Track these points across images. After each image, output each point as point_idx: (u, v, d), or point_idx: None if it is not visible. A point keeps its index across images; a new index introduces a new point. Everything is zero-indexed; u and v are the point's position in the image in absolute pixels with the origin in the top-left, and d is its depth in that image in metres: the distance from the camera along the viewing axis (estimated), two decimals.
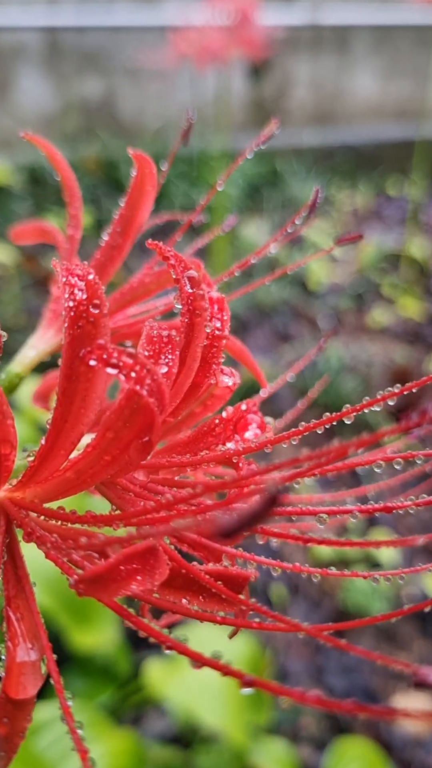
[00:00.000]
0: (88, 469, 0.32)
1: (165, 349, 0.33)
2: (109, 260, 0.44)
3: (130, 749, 1.49)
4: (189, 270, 0.33)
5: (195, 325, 0.33)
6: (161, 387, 0.30)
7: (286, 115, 4.50)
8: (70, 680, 1.67)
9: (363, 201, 4.03)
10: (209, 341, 0.36)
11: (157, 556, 0.29)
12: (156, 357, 0.32)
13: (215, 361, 0.36)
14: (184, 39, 2.71)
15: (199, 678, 1.58)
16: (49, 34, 4.00)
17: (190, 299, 0.33)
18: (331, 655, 2.04)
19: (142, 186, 0.43)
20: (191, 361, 0.34)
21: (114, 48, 4.02)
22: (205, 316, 0.34)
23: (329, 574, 0.37)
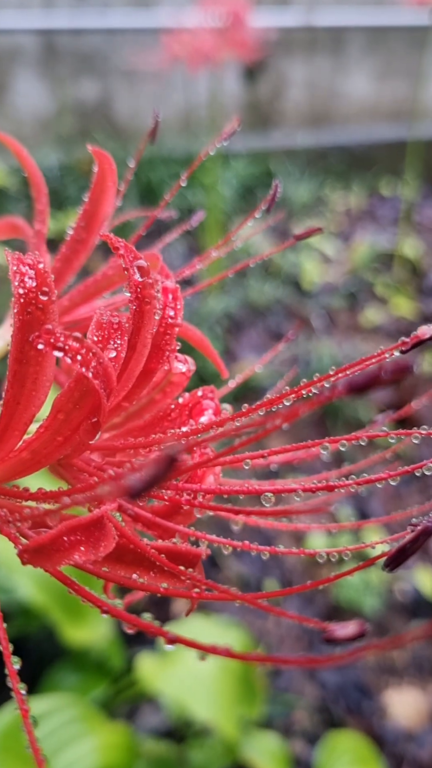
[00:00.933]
0: (42, 449, 0.34)
1: (114, 335, 0.35)
2: (74, 254, 0.46)
3: (123, 743, 1.50)
4: (138, 260, 0.35)
5: (144, 313, 0.35)
6: (107, 370, 0.32)
7: (281, 116, 4.52)
8: (64, 675, 1.69)
9: (356, 201, 4.05)
10: (162, 329, 0.38)
11: (102, 528, 0.31)
12: (105, 342, 0.34)
13: (168, 348, 0.38)
14: (177, 41, 2.73)
15: (191, 672, 1.59)
16: (45, 36, 4.02)
17: (139, 287, 0.35)
18: (323, 650, 2.06)
19: (104, 182, 0.45)
20: (141, 347, 0.35)
21: (109, 50, 4.04)
22: (155, 304, 0.35)
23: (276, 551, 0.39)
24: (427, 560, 2.28)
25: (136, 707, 1.84)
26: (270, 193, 0.53)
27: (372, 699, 1.98)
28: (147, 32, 3.86)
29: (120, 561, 0.35)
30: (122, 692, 1.70)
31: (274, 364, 2.76)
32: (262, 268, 3.23)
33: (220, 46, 2.74)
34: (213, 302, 2.90)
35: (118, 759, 1.48)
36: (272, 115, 4.47)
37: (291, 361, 2.79)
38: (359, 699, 1.97)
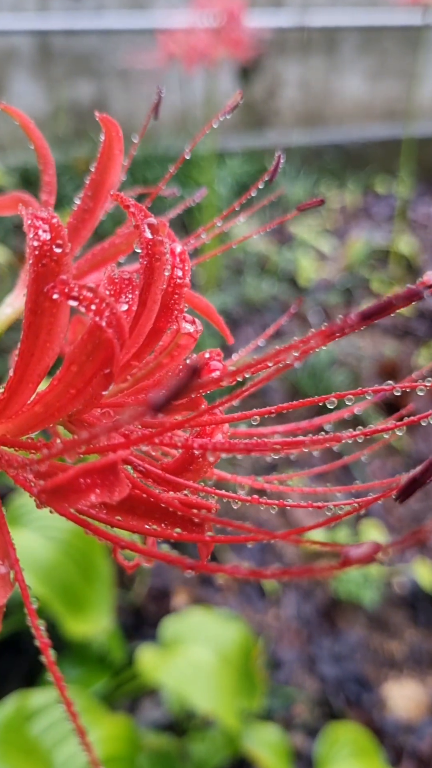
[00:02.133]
0: (55, 402, 0.35)
1: (126, 290, 0.35)
2: (82, 223, 0.47)
3: (124, 735, 1.50)
4: (149, 218, 0.36)
5: (154, 269, 0.36)
6: (120, 320, 0.32)
7: (276, 115, 4.54)
8: (65, 669, 1.69)
9: (352, 199, 4.07)
10: (171, 288, 0.39)
11: (116, 473, 0.31)
12: (117, 296, 0.35)
13: (176, 307, 0.39)
14: (172, 40, 2.74)
15: (191, 664, 1.60)
16: (41, 37, 4.03)
17: (150, 244, 0.35)
18: (323, 644, 2.07)
19: (111, 150, 0.46)
20: (152, 303, 0.36)
21: (105, 51, 4.05)
22: (164, 260, 0.36)
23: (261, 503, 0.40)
24: (425, 553, 2.29)
25: (137, 701, 1.85)
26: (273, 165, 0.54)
27: (372, 692, 1.98)
28: (142, 33, 3.88)
29: (132, 512, 0.35)
30: (123, 685, 1.70)
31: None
32: (258, 266, 3.24)
33: (215, 46, 2.76)
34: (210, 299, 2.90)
35: (119, 751, 1.48)
36: (267, 115, 4.49)
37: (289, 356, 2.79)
38: (359, 692, 1.98)
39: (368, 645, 2.09)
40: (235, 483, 0.51)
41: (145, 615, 2.00)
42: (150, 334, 0.38)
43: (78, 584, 1.62)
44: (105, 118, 0.44)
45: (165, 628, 1.68)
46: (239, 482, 0.49)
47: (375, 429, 0.45)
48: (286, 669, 2.00)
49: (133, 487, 0.35)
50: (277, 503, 0.40)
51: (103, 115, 0.43)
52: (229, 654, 1.69)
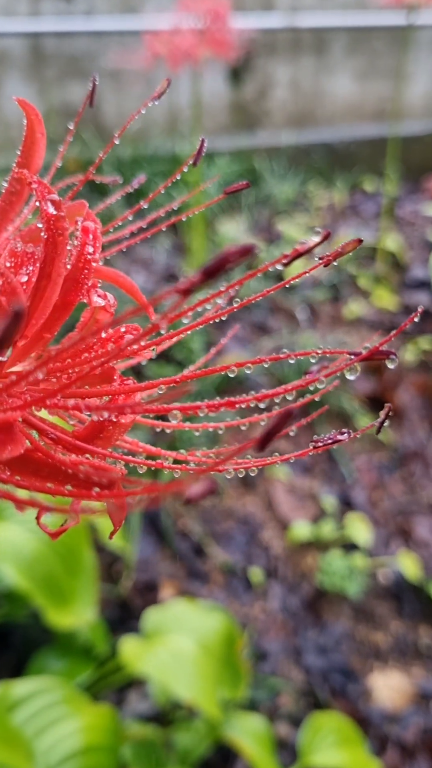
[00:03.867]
0: None
1: (27, 263, 0.38)
2: (10, 205, 0.49)
3: (107, 725, 1.52)
4: (51, 194, 0.38)
5: (57, 243, 0.38)
6: (16, 288, 0.35)
7: (266, 116, 4.57)
8: (50, 660, 1.71)
9: (340, 197, 4.09)
10: (81, 264, 0.41)
11: (10, 432, 0.34)
12: (17, 267, 0.37)
13: (86, 282, 0.41)
14: (158, 40, 2.77)
15: (172, 653, 1.62)
16: (32, 39, 4.06)
17: (52, 219, 0.38)
18: (308, 635, 2.09)
19: (33, 133, 0.48)
20: (56, 275, 0.38)
21: (96, 53, 4.08)
22: (66, 235, 0.38)
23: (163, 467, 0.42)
24: (410, 545, 2.31)
25: (123, 693, 1.87)
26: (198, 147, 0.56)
27: (357, 682, 2.00)
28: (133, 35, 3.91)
29: (35, 474, 0.37)
30: (107, 677, 1.72)
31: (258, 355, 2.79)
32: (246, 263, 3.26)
33: (201, 46, 2.78)
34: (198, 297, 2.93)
35: (101, 740, 1.49)
36: (257, 115, 4.52)
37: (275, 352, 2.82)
38: (344, 682, 2.00)
39: (353, 636, 2.11)
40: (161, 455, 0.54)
41: (132, 608, 2.02)
42: (59, 306, 0.40)
43: (61, 577, 1.64)
44: (22, 102, 0.46)
45: (147, 619, 1.70)
46: (163, 455, 0.51)
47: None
48: (271, 660, 2.02)
49: (36, 450, 0.37)
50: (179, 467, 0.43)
51: (21, 99, 0.45)
52: (210, 644, 1.71)
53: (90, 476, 0.34)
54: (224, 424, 0.53)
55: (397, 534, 2.35)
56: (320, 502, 2.42)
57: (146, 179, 0.69)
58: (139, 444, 0.51)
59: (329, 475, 2.52)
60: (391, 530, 2.36)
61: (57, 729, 1.46)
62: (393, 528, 2.37)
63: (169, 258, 3.21)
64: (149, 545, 2.21)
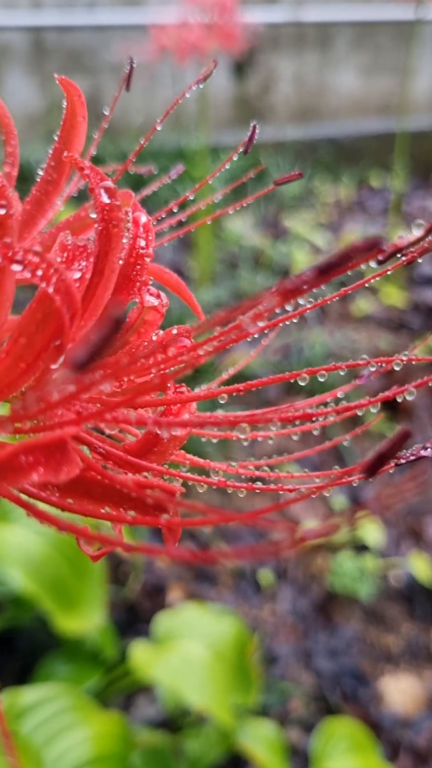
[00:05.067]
0: (3, 377, 0.33)
1: (80, 257, 0.34)
2: (45, 195, 0.45)
3: (117, 732, 1.49)
4: (105, 181, 0.34)
5: (112, 235, 0.34)
6: (70, 288, 0.31)
7: (270, 111, 4.52)
8: (57, 666, 1.67)
9: (346, 193, 4.05)
10: (133, 259, 0.37)
11: (64, 451, 0.29)
12: (69, 263, 0.33)
13: (138, 279, 0.37)
14: (164, 34, 2.73)
15: (184, 659, 1.58)
16: (34, 33, 4.02)
17: (106, 209, 0.34)
18: (319, 638, 2.05)
19: (74, 117, 0.44)
20: (109, 272, 0.34)
21: (99, 47, 4.03)
22: (122, 227, 0.34)
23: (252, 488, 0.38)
24: (421, 546, 2.28)
25: (131, 698, 1.83)
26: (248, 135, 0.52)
27: (368, 686, 1.97)
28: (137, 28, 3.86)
29: (88, 495, 0.33)
30: (116, 682, 1.69)
31: (267, 354, 2.75)
32: (253, 259, 3.22)
33: (208, 39, 2.74)
34: (204, 293, 2.89)
35: (111, 748, 1.46)
36: (262, 110, 4.47)
37: (284, 350, 2.78)
38: (355, 686, 1.96)
39: (364, 639, 2.07)
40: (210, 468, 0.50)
41: (140, 611, 1.98)
42: (110, 306, 0.36)
43: (69, 580, 1.61)
44: (65, 81, 0.42)
45: (158, 624, 1.67)
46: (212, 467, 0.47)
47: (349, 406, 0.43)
48: (281, 664, 1.98)
49: (88, 468, 0.33)
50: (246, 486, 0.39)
51: (64, 78, 0.41)
52: (222, 649, 1.67)
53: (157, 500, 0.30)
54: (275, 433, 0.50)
55: (408, 535, 2.32)
56: (330, 502, 2.38)
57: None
58: (186, 456, 0.47)
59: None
60: (402, 531, 2.33)
61: (66, 737, 1.43)
62: (404, 528, 2.34)
63: (175, 253, 3.17)
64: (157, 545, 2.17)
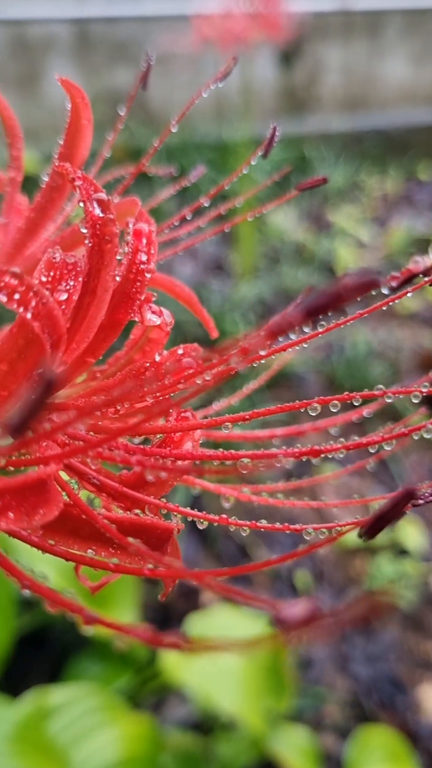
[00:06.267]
0: None
1: (68, 276, 0.31)
2: (50, 202, 0.42)
3: (147, 734, 1.47)
4: (99, 193, 0.31)
5: (104, 252, 0.31)
6: (52, 312, 0.28)
7: (317, 101, 4.44)
8: (88, 665, 1.66)
9: (393, 186, 3.95)
10: (132, 275, 0.34)
11: (42, 493, 0.27)
12: (55, 283, 0.30)
13: (138, 297, 0.34)
14: (207, 24, 2.69)
15: (216, 663, 1.56)
16: (79, 25, 4.01)
17: (99, 223, 0.31)
18: (356, 643, 2.01)
19: (78, 120, 0.41)
20: (102, 291, 0.31)
21: (144, 38, 4.01)
22: (116, 242, 0.31)
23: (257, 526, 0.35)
24: None
25: (162, 699, 1.82)
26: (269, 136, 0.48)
27: (406, 694, 1.92)
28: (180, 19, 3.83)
29: (75, 535, 0.31)
30: (147, 683, 1.67)
31: (308, 351, 2.71)
32: (296, 254, 3.17)
33: (252, 29, 2.69)
34: (245, 288, 2.85)
35: (141, 750, 1.45)
36: (308, 101, 4.40)
37: (326, 348, 2.73)
38: (392, 693, 1.92)
39: (403, 645, 2.02)
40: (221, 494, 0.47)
41: (173, 611, 1.97)
42: (105, 326, 0.33)
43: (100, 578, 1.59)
44: (67, 82, 0.39)
45: (190, 626, 1.65)
46: (224, 494, 0.44)
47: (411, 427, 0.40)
48: (317, 668, 1.94)
49: (73, 505, 0.30)
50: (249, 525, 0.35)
51: (64, 78, 0.38)
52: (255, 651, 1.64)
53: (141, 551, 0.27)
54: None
55: None
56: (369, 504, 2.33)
57: (193, 167, 0.63)
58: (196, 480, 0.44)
59: (379, 476, 2.43)
60: None
61: (94, 738, 1.42)
62: None
63: (217, 248, 3.13)
64: (192, 546, 2.15)
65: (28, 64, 4.06)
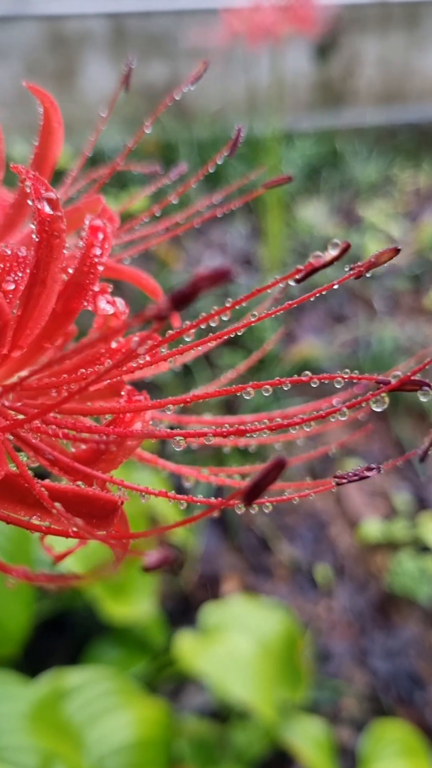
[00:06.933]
0: None
1: (16, 268, 0.33)
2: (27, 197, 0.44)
3: (161, 719, 1.50)
4: (49, 192, 0.33)
5: (53, 246, 0.33)
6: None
7: (353, 94, 4.42)
8: (105, 650, 1.70)
9: (426, 180, 3.92)
10: (86, 268, 0.36)
11: None
12: (4, 274, 0.32)
13: (91, 287, 0.36)
14: (236, 18, 2.69)
15: (230, 652, 1.58)
16: (114, 20, 4.05)
17: (48, 220, 0.33)
18: (375, 638, 2.02)
19: (50, 122, 0.43)
20: (51, 282, 0.34)
21: (178, 32, 4.03)
22: (64, 237, 0.34)
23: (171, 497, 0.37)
24: None
25: (180, 687, 1.85)
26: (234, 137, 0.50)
27: (425, 690, 1.92)
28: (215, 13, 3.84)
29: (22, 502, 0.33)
30: (163, 670, 1.70)
31: (334, 345, 2.71)
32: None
33: (282, 23, 2.69)
34: None
35: (154, 734, 1.47)
36: (343, 94, 4.37)
37: (352, 343, 2.73)
38: (411, 689, 1.92)
39: (423, 641, 2.02)
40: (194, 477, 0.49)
41: (193, 601, 1.99)
42: (60, 314, 0.36)
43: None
44: (35, 88, 0.41)
45: (205, 615, 1.67)
46: (186, 474, 0.46)
47: None
48: (335, 662, 1.96)
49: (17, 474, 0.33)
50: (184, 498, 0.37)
51: (32, 84, 0.41)
52: (270, 643, 1.66)
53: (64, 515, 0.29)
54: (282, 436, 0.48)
55: None
56: (392, 500, 2.33)
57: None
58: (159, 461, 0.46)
59: (402, 472, 2.43)
60: None
61: (109, 720, 1.45)
62: None
63: (246, 242, 3.14)
64: (213, 537, 2.17)
65: (65, 59, 4.11)
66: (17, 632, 1.39)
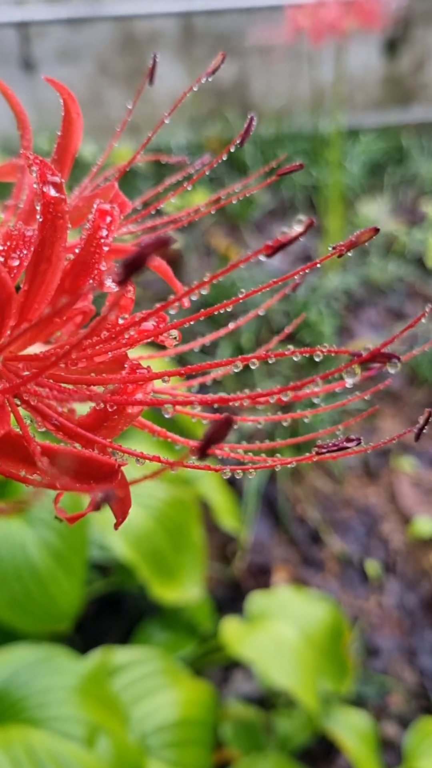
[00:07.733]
0: None
1: (22, 246, 0.37)
2: None
3: (205, 700, 1.53)
4: (54, 176, 0.37)
5: (57, 227, 0.37)
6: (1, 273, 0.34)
7: (423, 89, 4.35)
8: (154, 632, 1.74)
9: None
10: (92, 248, 0.40)
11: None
12: (9, 251, 0.36)
13: (96, 266, 0.40)
14: (300, 14, 2.70)
15: (274, 640, 1.60)
16: (183, 18, 4.09)
17: (52, 202, 0.37)
18: (425, 636, 2.00)
19: (69, 113, 0.47)
20: (56, 259, 0.37)
21: (246, 29, 4.05)
22: (66, 218, 0.37)
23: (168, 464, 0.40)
24: None
25: (228, 672, 1.88)
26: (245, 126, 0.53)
27: None
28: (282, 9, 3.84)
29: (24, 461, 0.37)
30: (209, 655, 1.74)
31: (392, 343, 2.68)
32: (385, 246, 3.14)
33: (348, 18, 2.68)
34: (332, 279, 2.86)
35: (198, 714, 1.51)
36: (413, 89, 4.31)
37: (410, 339, 2.70)
38: None
39: None
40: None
41: (243, 589, 2.02)
42: (66, 290, 0.39)
43: (168, 552, 1.66)
44: (54, 82, 0.45)
45: (251, 603, 1.70)
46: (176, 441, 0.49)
47: None
48: (383, 657, 1.96)
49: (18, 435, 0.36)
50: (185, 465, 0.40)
51: (50, 77, 0.44)
52: (314, 634, 1.68)
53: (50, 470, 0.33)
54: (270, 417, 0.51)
55: None
56: None
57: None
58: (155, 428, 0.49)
59: None
60: None
61: (154, 698, 1.49)
62: None
63: (306, 239, 3.15)
64: (265, 528, 2.19)
65: (136, 59, 4.18)
66: (69, 610, 1.44)
